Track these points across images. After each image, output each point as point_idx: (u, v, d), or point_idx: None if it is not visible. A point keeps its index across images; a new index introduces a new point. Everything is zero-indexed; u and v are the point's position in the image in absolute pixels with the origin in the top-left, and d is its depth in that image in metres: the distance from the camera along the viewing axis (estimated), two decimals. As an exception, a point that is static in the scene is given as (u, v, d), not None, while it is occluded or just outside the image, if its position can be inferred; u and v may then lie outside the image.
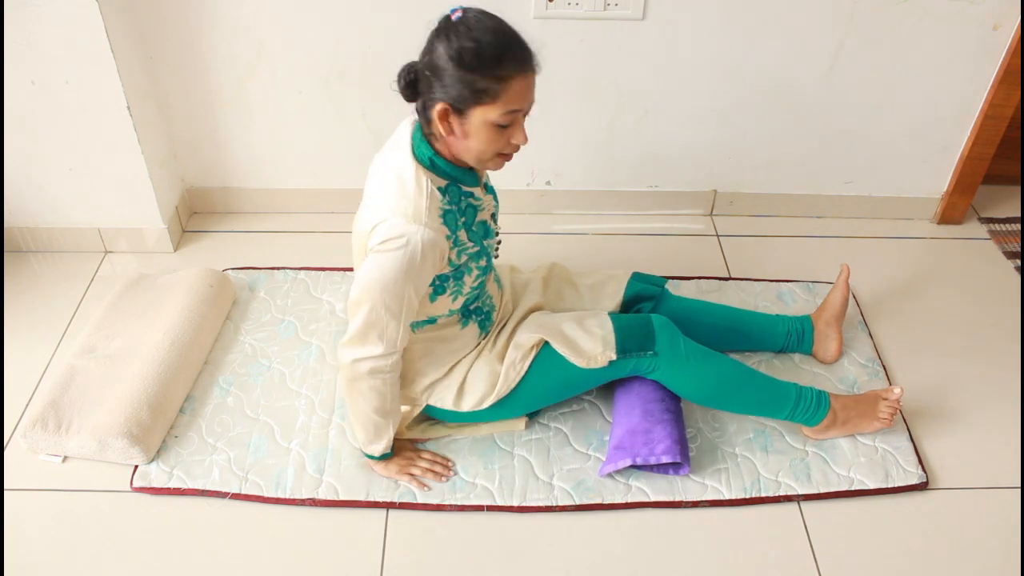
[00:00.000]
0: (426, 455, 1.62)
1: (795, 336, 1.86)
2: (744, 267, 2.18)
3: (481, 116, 1.27)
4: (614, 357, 1.54)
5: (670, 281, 2.07)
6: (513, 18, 1.91)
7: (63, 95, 1.88)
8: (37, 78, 1.85)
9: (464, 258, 1.43)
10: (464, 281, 1.46)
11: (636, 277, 1.78)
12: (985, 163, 2.22)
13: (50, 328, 1.93)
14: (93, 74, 1.85)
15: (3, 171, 2.01)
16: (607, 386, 1.75)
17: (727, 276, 2.15)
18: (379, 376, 1.44)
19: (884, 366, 1.87)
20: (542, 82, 1.31)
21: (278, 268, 2.11)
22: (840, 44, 2.00)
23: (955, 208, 2.32)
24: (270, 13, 1.94)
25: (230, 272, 2.09)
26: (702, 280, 2.11)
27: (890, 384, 1.82)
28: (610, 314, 1.61)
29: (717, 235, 2.30)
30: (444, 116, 1.29)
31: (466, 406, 1.58)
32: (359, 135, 2.16)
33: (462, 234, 1.41)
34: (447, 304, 1.48)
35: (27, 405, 1.75)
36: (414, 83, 1.31)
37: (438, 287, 1.43)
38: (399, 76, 1.32)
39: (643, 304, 1.77)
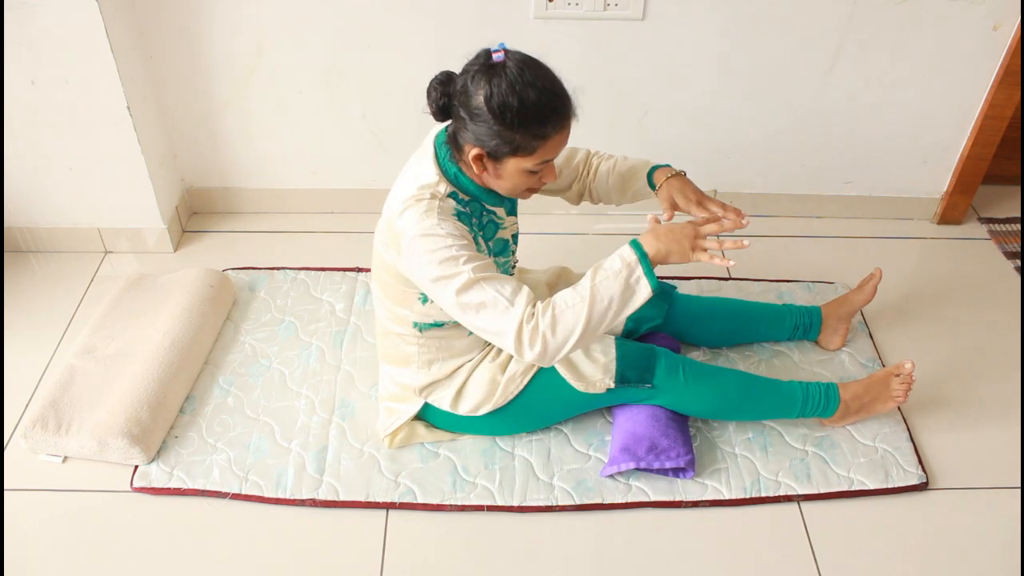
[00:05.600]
0: (711, 228, 1.36)
1: (802, 329, 1.88)
2: (744, 267, 2.18)
3: (516, 164, 1.28)
4: (612, 385, 1.56)
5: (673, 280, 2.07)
6: (513, 18, 1.94)
7: (63, 95, 1.88)
8: (37, 78, 1.85)
9: None
10: None
11: None
12: (985, 163, 2.22)
13: (50, 328, 1.93)
14: (93, 74, 1.85)
15: (3, 171, 2.01)
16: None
17: (727, 276, 2.15)
18: (541, 331, 1.25)
19: (884, 366, 1.87)
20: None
21: (278, 268, 2.11)
22: (840, 44, 2.00)
23: (955, 208, 2.32)
24: (270, 13, 1.94)
25: (230, 272, 2.09)
26: (702, 280, 2.11)
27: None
28: (617, 339, 1.60)
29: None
30: (478, 159, 1.29)
31: (463, 409, 1.58)
32: (359, 135, 2.16)
33: (480, 240, 1.41)
34: None
35: (27, 405, 1.75)
36: (446, 108, 1.29)
37: None
38: (429, 94, 1.28)
39: (653, 312, 1.76)
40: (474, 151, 1.28)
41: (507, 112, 1.21)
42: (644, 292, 1.28)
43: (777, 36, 1.99)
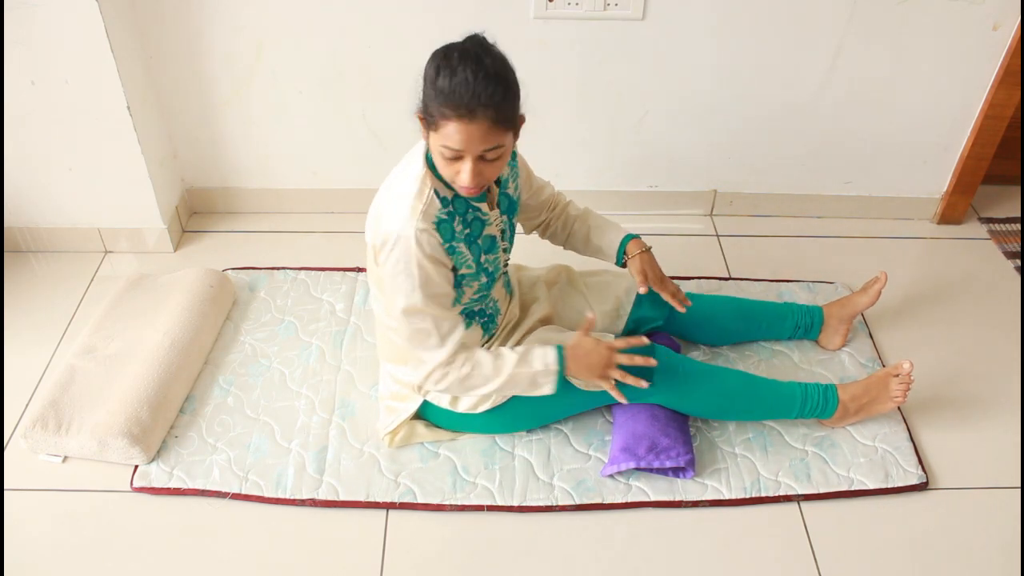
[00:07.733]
0: (623, 359, 1.48)
1: (803, 329, 1.88)
2: (744, 267, 2.18)
3: (434, 138, 1.28)
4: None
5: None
6: (513, 18, 1.94)
7: (63, 95, 1.88)
8: (37, 78, 1.85)
9: (464, 270, 1.43)
10: (463, 291, 1.46)
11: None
12: (985, 163, 2.22)
13: (50, 328, 1.93)
14: (93, 74, 1.85)
15: (3, 171, 2.01)
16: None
17: (727, 276, 2.15)
18: (448, 380, 1.43)
19: (884, 366, 1.87)
20: (543, 82, 1.31)
21: (278, 268, 2.11)
22: (840, 44, 2.00)
23: (955, 208, 2.32)
24: (270, 13, 1.94)
25: (230, 272, 2.09)
26: (702, 280, 2.11)
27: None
28: (616, 338, 1.59)
29: (717, 235, 2.30)
30: (420, 121, 1.32)
31: (462, 407, 1.58)
32: (359, 135, 2.16)
33: (461, 247, 1.41)
34: None
35: (27, 405, 1.75)
36: None
37: None
38: None
39: (654, 314, 1.76)
40: (416, 112, 1.32)
41: (427, 76, 1.25)
42: (545, 391, 1.47)
43: (777, 36, 1.99)
